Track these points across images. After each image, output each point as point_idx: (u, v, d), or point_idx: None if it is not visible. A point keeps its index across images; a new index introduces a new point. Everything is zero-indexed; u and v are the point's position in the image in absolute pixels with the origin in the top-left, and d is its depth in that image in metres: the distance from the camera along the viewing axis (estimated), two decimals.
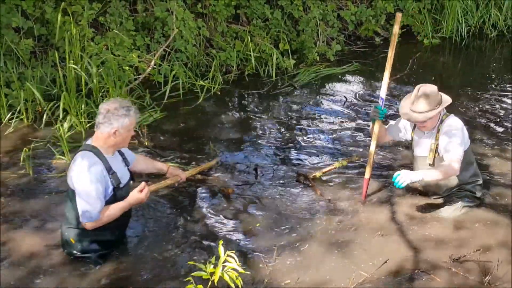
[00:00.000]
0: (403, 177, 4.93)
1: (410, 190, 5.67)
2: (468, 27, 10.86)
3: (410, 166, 5.73)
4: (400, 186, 4.96)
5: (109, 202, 4.59)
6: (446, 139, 5.20)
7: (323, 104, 8.03)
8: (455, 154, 5.11)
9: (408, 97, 5.35)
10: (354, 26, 10.29)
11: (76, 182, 4.48)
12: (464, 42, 10.51)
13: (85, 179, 4.45)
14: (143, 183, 4.71)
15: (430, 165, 5.34)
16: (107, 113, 4.50)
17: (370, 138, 5.65)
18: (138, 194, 4.66)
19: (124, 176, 4.75)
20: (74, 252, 4.69)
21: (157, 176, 5.68)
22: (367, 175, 5.60)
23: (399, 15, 5.26)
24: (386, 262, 4.69)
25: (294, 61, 8.90)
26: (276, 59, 8.68)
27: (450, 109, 5.50)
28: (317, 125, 7.34)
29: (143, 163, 5.32)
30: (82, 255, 4.69)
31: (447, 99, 5.29)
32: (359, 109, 7.82)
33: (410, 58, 8.92)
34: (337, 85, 8.64)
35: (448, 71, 9.61)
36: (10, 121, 6.82)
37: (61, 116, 6.79)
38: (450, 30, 10.64)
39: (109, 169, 4.56)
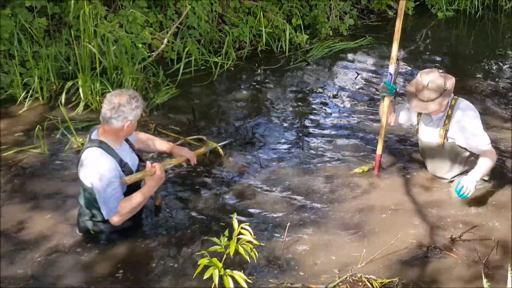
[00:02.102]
0: (468, 187, 4.90)
1: (423, 169, 5.65)
2: None
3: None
4: (466, 197, 4.93)
5: (125, 192, 4.58)
6: (467, 130, 5.10)
7: (336, 79, 8.02)
8: (483, 137, 5.07)
9: (411, 88, 5.21)
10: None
11: (91, 181, 4.44)
12: (478, 14, 10.41)
13: (99, 178, 4.40)
14: (148, 164, 4.67)
15: (439, 151, 5.28)
16: (119, 107, 4.38)
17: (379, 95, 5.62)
18: (155, 175, 4.62)
19: (134, 162, 4.71)
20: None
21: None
22: (378, 151, 5.60)
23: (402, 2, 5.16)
24: (397, 238, 4.71)
25: (307, 36, 8.87)
26: (289, 34, 8.65)
27: (464, 83, 5.45)
28: (331, 100, 7.33)
29: (142, 141, 5.19)
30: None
31: (451, 80, 5.12)
32: (372, 83, 7.80)
33: (423, 30, 8.85)
34: (351, 60, 8.61)
35: (462, 43, 9.54)
36: (25, 100, 6.86)
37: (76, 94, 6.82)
38: (464, 2, 10.53)
39: (120, 162, 4.50)
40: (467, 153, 5.24)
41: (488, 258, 4.52)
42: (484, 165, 5.04)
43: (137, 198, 4.58)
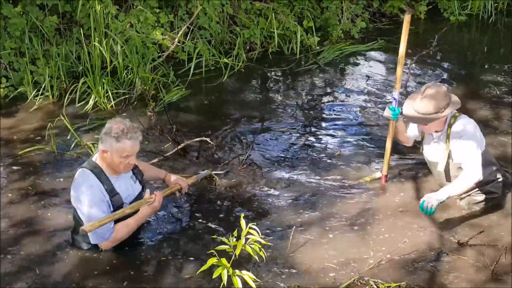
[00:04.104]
0: (429, 202, 4.76)
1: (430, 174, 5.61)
2: (496, 4, 10.64)
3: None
4: (430, 212, 4.77)
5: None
6: (460, 146, 4.94)
7: (347, 82, 7.98)
8: (474, 160, 4.88)
9: (413, 96, 5.10)
10: (379, 3, 10.16)
11: (78, 206, 4.36)
12: (491, 19, 10.32)
13: (85, 203, 4.31)
14: (147, 192, 4.58)
15: (445, 171, 5.14)
16: (105, 130, 4.30)
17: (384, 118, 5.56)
18: (152, 204, 4.51)
19: (132, 193, 4.55)
20: None
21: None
22: (384, 171, 5.52)
23: (408, 17, 5.04)
24: (404, 242, 4.67)
25: (318, 39, 8.83)
26: (300, 36, 8.62)
27: (475, 88, 5.37)
28: (341, 103, 7.30)
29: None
30: None
31: (455, 103, 4.97)
32: (384, 87, 7.76)
33: (435, 35, 8.79)
34: (362, 63, 8.57)
35: (474, 48, 9.47)
36: (35, 98, 6.88)
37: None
38: (477, 7, 10.46)
39: (110, 191, 4.37)
40: None
41: (496, 263, 4.47)
42: (457, 187, 4.90)
43: (131, 226, 4.50)
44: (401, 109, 5.17)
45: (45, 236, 4.79)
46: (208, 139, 5.99)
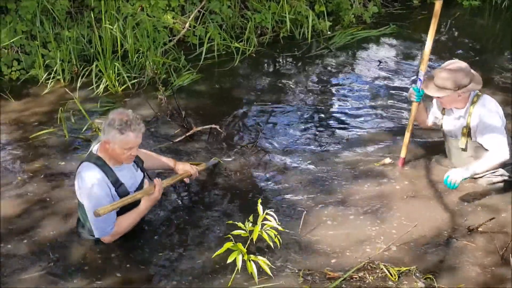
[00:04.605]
0: (454, 177, 4.83)
1: (444, 160, 5.57)
2: None
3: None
4: (454, 187, 4.86)
5: (121, 210, 4.42)
6: (484, 126, 4.94)
7: (358, 67, 7.94)
8: (501, 139, 4.89)
9: (435, 71, 5.07)
10: None
11: (83, 199, 4.34)
12: (504, 4, 10.23)
13: (90, 196, 4.28)
14: (146, 182, 4.56)
15: (462, 149, 5.16)
16: (106, 121, 4.26)
17: (405, 103, 5.54)
18: (151, 195, 4.47)
19: (135, 181, 4.53)
20: None
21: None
22: (402, 154, 5.50)
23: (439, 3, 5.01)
24: (415, 226, 4.69)
25: (330, 23, 8.78)
26: (312, 21, 8.57)
27: (488, 74, 5.31)
28: (352, 88, 7.27)
29: (143, 158, 4.79)
30: None
31: (475, 84, 4.94)
32: (395, 72, 7.72)
33: (448, 20, 8.72)
34: (374, 48, 8.52)
35: (487, 33, 9.39)
36: (47, 81, 6.90)
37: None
38: None
39: (115, 182, 4.35)
40: None
41: (506, 249, 4.46)
42: (483, 165, 4.93)
43: (133, 219, 4.49)
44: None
45: (58, 219, 4.82)
46: (217, 127, 6.00)
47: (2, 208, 4.91)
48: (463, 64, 4.99)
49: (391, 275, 4.22)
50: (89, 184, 4.28)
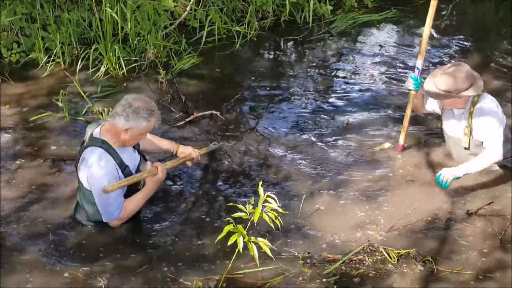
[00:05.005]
0: (445, 176, 4.84)
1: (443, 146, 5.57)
2: None
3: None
4: (445, 186, 4.87)
5: (124, 194, 4.45)
6: (482, 125, 4.96)
7: (359, 51, 7.91)
8: (495, 139, 4.91)
9: (436, 71, 5.02)
10: None
11: (91, 184, 4.31)
12: None
13: (100, 181, 4.26)
14: (148, 164, 4.55)
15: (465, 148, 5.14)
16: (129, 108, 4.22)
17: (404, 88, 5.52)
18: (155, 177, 4.48)
19: (135, 163, 4.54)
20: None
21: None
22: (401, 141, 5.50)
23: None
24: (414, 208, 4.70)
25: (331, 7, 8.71)
26: (313, 5, 8.52)
27: (490, 61, 5.26)
28: (353, 73, 7.25)
29: (146, 142, 4.86)
30: None
31: (477, 88, 4.90)
32: (396, 57, 7.69)
33: (450, 4, 8.67)
34: (375, 32, 8.47)
35: (489, 20, 9.34)
36: (47, 64, 6.88)
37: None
38: None
39: (121, 165, 4.36)
40: None
41: (505, 233, 4.49)
42: (475, 165, 4.95)
43: (139, 201, 4.50)
44: (423, 79, 5.14)
45: (58, 201, 4.84)
46: (218, 113, 6.00)
47: (2, 191, 4.92)
48: (464, 68, 4.93)
49: (391, 258, 4.25)
50: (98, 168, 4.27)
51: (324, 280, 4.13)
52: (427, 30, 5.06)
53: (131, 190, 4.47)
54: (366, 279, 4.14)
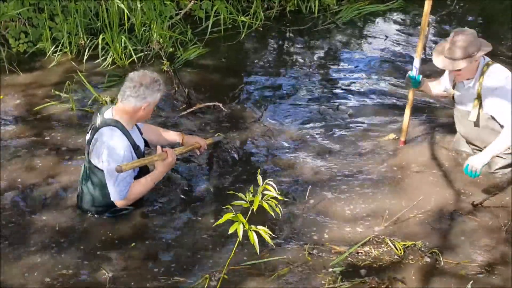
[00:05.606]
0: (473, 165, 4.70)
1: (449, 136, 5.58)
2: None
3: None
4: (476, 175, 4.73)
5: (135, 176, 4.49)
6: (494, 98, 4.79)
7: (365, 42, 7.92)
8: (509, 109, 4.72)
9: (441, 44, 4.92)
10: None
11: (108, 161, 4.33)
12: None
13: (116, 158, 4.30)
14: (158, 148, 4.58)
15: (475, 125, 5.00)
16: (140, 87, 4.28)
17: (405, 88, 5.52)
18: (165, 161, 4.52)
19: (142, 145, 4.60)
20: None
21: None
22: (402, 138, 5.50)
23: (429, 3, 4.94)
24: (420, 199, 4.71)
25: None
26: None
27: (497, 48, 5.23)
28: (358, 63, 7.27)
29: (151, 133, 4.90)
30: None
31: (485, 45, 4.80)
32: (402, 47, 7.71)
33: None
34: (380, 23, 8.48)
35: (495, 6, 9.31)
36: (54, 54, 6.91)
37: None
38: None
39: (134, 145, 4.42)
40: None
41: (510, 225, 4.51)
42: (499, 145, 4.77)
43: (147, 184, 4.52)
44: (422, 77, 5.13)
45: (64, 191, 4.86)
46: (220, 105, 6.03)
47: (7, 180, 4.96)
48: (467, 30, 4.82)
49: (397, 250, 4.26)
50: (118, 142, 4.33)
51: (330, 270, 4.13)
52: (423, 29, 5.03)
53: (141, 172, 4.53)
54: (372, 270, 4.14)
